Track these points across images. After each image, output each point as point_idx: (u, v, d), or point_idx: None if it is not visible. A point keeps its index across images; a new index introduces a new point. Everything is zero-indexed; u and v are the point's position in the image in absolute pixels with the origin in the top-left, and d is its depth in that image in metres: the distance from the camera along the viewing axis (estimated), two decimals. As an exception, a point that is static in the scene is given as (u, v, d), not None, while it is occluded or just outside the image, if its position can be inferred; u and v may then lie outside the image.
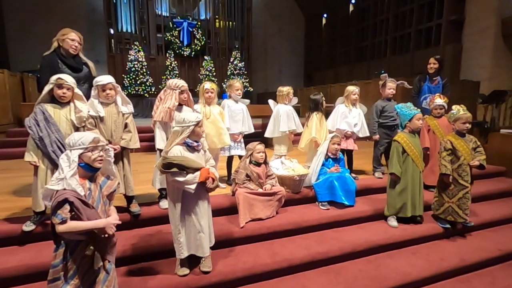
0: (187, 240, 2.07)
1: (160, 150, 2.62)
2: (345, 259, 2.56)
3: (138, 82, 10.64)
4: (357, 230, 2.87)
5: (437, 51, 9.16)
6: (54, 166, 2.15)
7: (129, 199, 2.60)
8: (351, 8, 13.09)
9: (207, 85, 3.16)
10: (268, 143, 4.27)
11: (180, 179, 1.87)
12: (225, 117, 3.24)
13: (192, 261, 2.20)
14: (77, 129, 2.35)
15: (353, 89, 3.61)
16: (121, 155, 2.49)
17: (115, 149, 2.38)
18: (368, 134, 3.69)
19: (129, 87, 10.58)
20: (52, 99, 2.34)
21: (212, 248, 2.25)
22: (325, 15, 14.73)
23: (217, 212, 2.79)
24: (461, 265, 2.59)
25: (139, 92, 10.49)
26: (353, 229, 2.90)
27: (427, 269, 2.48)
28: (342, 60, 13.64)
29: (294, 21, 15.77)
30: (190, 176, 1.88)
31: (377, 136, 3.69)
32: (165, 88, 2.71)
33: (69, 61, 2.71)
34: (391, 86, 3.67)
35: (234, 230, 2.60)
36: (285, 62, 15.69)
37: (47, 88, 2.28)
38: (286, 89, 3.60)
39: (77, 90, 2.41)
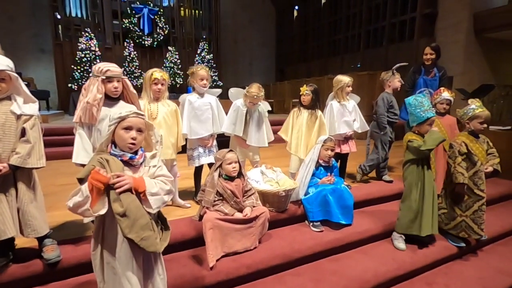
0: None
1: (81, 165, 1.81)
2: (351, 303, 1.94)
3: (91, 75, 9.35)
4: (361, 258, 2.28)
5: (411, 45, 9.02)
6: None
7: (42, 240, 1.76)
8: (323, 0, 12.67)
9: (157, 74, 2.35)
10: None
11: (71, 201, 1.18)
12: (182, 119, 2.48)
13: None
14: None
15: (348, 80, 3.00)
16: (14, 178, 1.62)
17: None
18: (368, 128, 3.13)
19: (80, 80, 9.28)
20: None
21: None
22: (296, 7, 14.20)
23: (177, 246, 2.05)
24: (487, 297, 2.10)
25: (92, 86, 9.21)
26: (355, 257, 2.31)
27: (451, 309, 1.94)
28: (315, 54, 13.22)
29: (265, 13, 15.07)
30: (76, 191, 1.19)
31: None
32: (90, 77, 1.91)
33: None
34: (398, 77, 3.18)
35: (201, 273, 1.87)
36: (256, 55, 14.96)
37: None
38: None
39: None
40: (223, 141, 3.02)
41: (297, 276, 2.06)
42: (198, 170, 2.72)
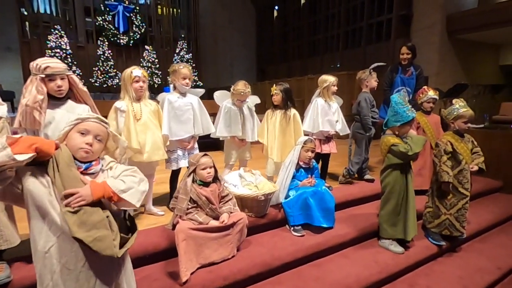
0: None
1: None
2: (334, 311, 1.86)
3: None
4: (343, 262, 2.21)
5: (388, 45, 9.21)
6: None
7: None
8: (302, 0, 12.73)
9: (137, 71, 2.18)
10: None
11: None
12: (163, 119, 2.32)
13: None
14: None
15: (333, 80, 2.95)
16: None
17: None
18: (348, 132, 3.10)
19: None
20: None
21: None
22: (276, 7, 14.21)
23: (148, 259, 1.89)
24: (468, 297, 2.09)
25: (63, 86, 8.75)
26: (337, 261, 2.23)
27: (434, 311, 1.91)
28: (295, 54, 13.29)
29: (246, 13, 14.98)
30: None
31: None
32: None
33: None
34: (375, 76, 3.14)
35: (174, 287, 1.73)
36: (237, 56, 14.83)
37: None
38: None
39: None
40: (208, 142, 2.90)
41: (278, 285, 1.96)
42: (175, 174, 2.56)
